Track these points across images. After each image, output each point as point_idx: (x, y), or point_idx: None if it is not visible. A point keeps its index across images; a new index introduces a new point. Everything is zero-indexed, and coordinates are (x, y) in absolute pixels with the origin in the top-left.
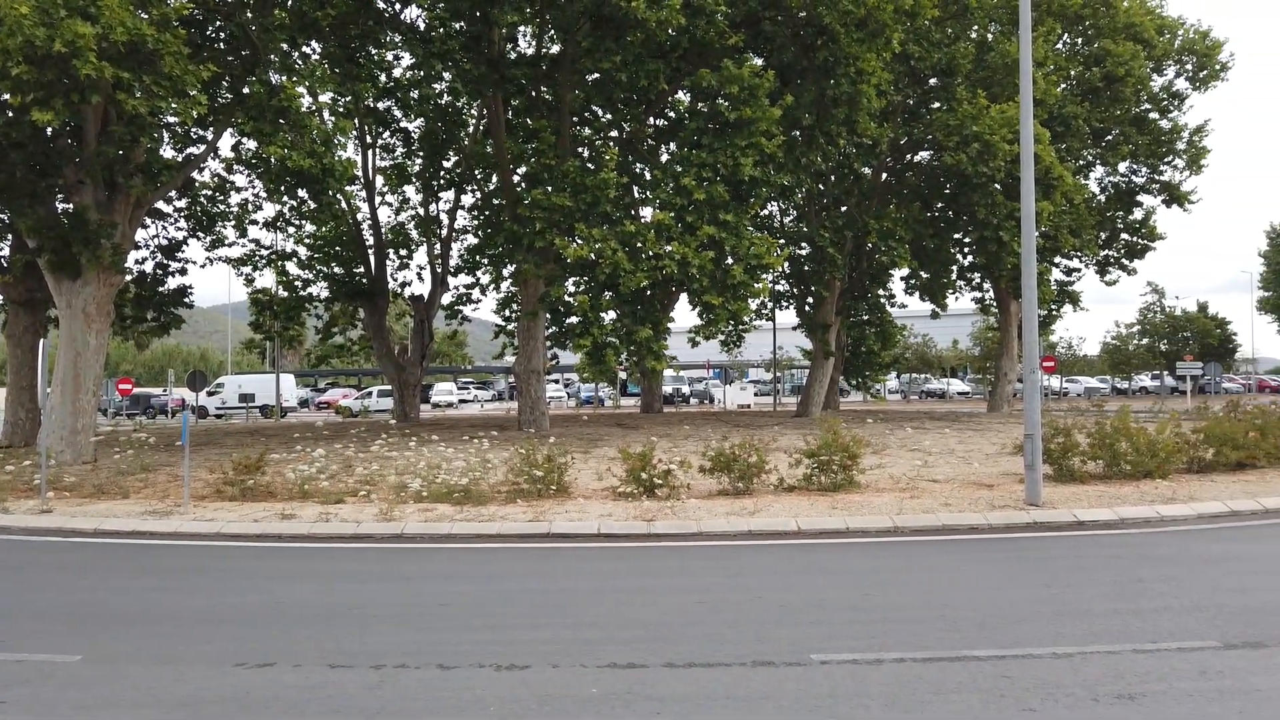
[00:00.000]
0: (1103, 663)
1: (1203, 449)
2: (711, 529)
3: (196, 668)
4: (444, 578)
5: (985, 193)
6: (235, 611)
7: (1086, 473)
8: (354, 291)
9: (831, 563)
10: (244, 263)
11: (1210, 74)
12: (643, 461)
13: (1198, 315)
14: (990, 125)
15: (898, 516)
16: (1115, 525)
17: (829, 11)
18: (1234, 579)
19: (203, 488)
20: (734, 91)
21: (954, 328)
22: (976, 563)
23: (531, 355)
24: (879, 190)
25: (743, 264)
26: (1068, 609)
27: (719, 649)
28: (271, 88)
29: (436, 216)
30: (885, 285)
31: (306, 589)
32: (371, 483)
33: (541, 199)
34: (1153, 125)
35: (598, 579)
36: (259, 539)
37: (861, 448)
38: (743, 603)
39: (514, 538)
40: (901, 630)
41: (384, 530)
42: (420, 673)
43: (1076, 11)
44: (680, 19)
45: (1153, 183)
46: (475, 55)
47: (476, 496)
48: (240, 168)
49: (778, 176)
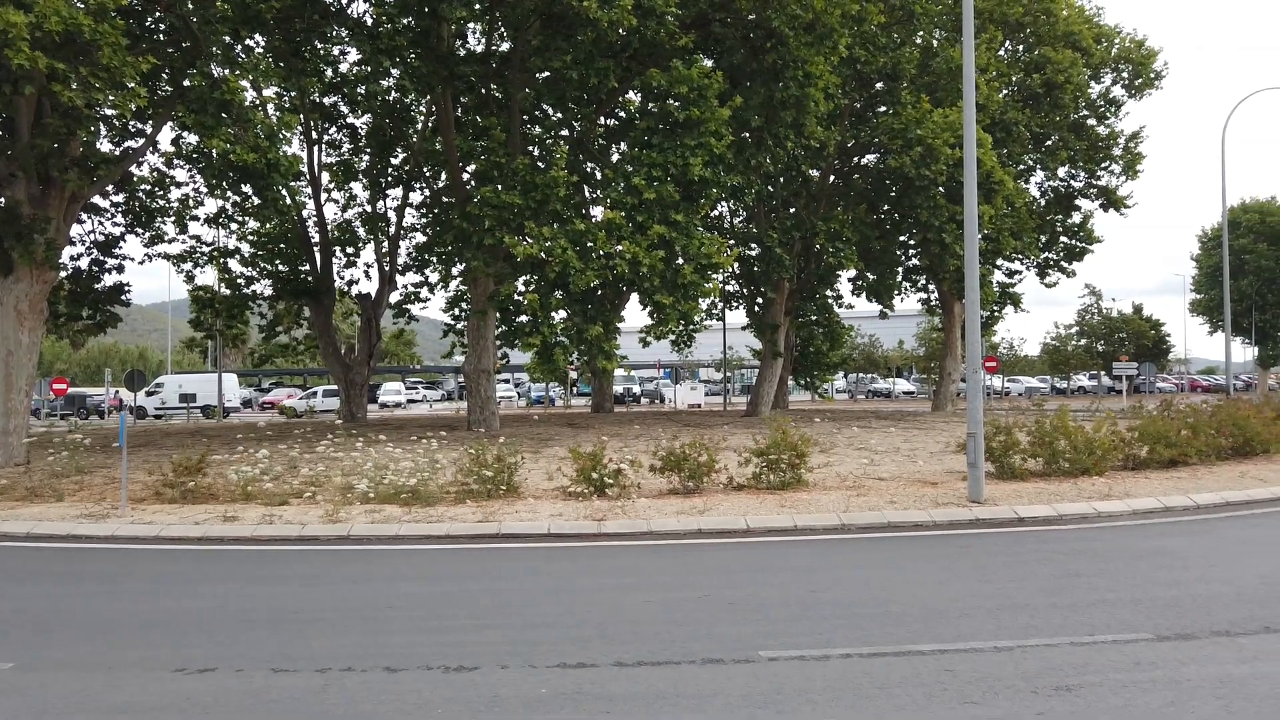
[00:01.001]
0: (1041, 655)
1: (1137, 447)
2: (662, 528)
3: (134, 674)
4: (391, 579)
5: (928, 195)
6: (175, 616)
7: (1027, 470)
8: (299, 290)
9: (780, 561)
10: (184, 259)
11: (1145, 82)
12: (593, 461)
13: (1133, 317)
14: (933, 129)
15: (844, 514)
16: (1054, 521)
17: (777, 15)
18: (1166, 573)
19: (141, 490)
20: (683, 92)
21: (900, 328)
22: (920, 559)
23: (481, 354)
24: (826, 192)
25: (693, 264)
26: (1008, 603)
27: (668, 647)
28: (214, 80)
29: (384, 214)
30: (833, 286)
31: (249, 592)
32: (317, 484)
33: (491, 197)
34: (1090, 131)
35: (548, 579)
36: (200, 542)
37: (809, 447)
38: (692, 601)
39: (463, 538)
40: (848, 626)
41: (330, 532)
42: (366, 676)
43: (1018, 20)
44: (631, 19)
45: (1090, 187)
46: (424, 51)
47: (425, 497)
48: (180, 162)
49: (728, 177)
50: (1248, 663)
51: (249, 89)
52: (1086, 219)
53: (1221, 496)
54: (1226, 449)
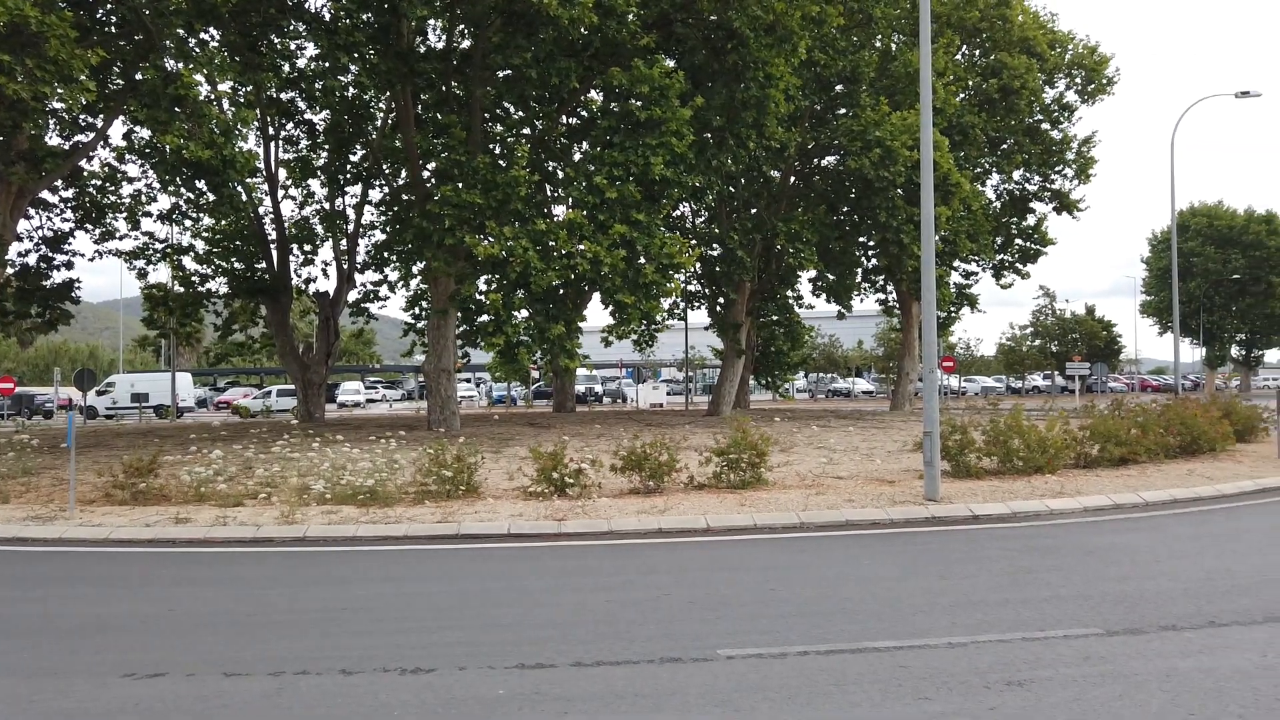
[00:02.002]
0: (994, 651)
1: (1089, 446)
2: (622, 527)
3: (81, 680)
4: (348, 581)
5: (887, 197)
6: (124, 620)
7: (982, 469)
8: (255, 288)
9: (739, 559)
10: (137, 256)
11: (1098, 87)
12: (554, 461)
13: (1086, 318)
14: (892, 131)
15: (803, 513)
16: (1008, 519)
17: (739, 16)
18: (1115, 569)
19: (90, 491)
20: (645, 91)
21: (859, 328)
22: (877, 557)
23: (442, 353)
24: (787, 193)
25: (654, 263)
26: (962, 600)
27: (628, 646)
28: (167, 74)
29: (343, 211)
30: (794, 286)
31: (202, 595)
32: (272, 485)
33: (452, 196)
34: (1045, 135)
35: (507, 579)
36: (151, 544)
37: (769, 446)
38: (652, 600)
39: (421, 539)
40: (804, 624)
41: (285, 533)
42: (321, 679)
43: (974, 25)
44: (593, 18)
45: (1044, 190)
46: (384, 48)
47: (383, 498)
48: (132, 158)
49: (689, 177)
50: (1192, 656)
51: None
52: (1041, 221)
53: (1170, 494)
54: (1175, 447)
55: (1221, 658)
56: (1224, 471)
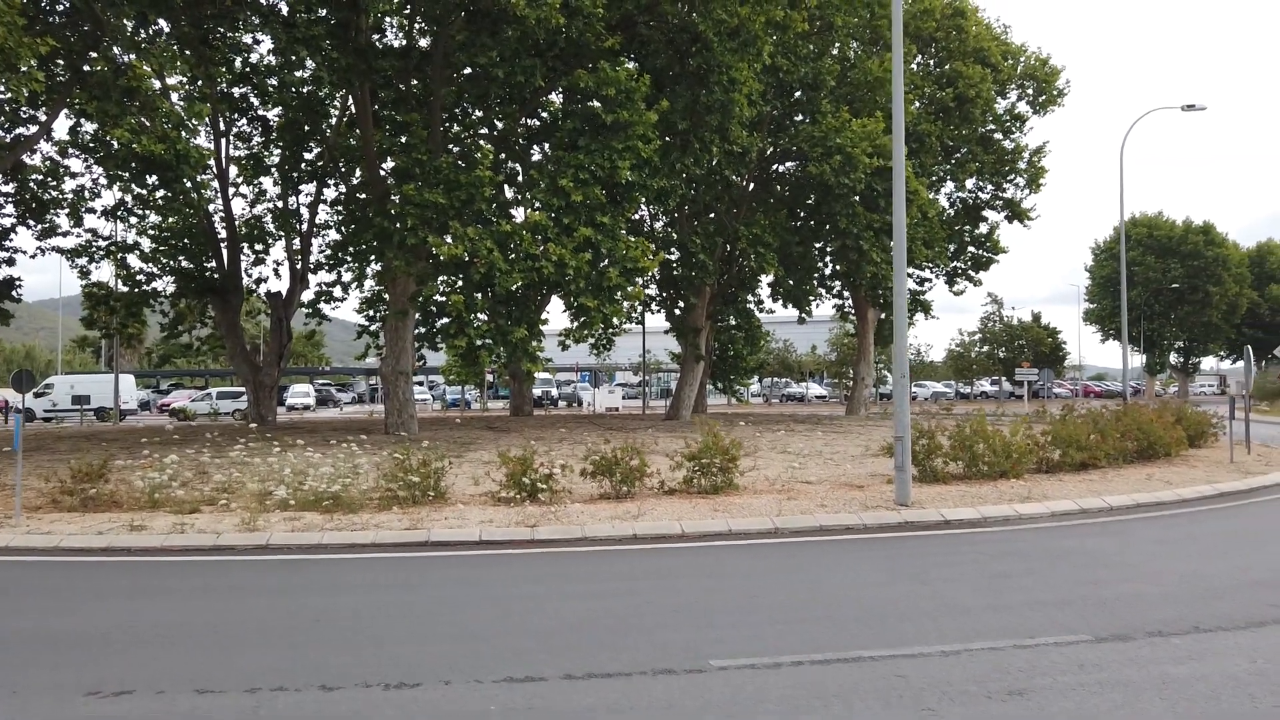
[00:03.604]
0: (988, 659)
1: (1050, 450)
2: (596, 533)
3: (41, 699)
4: (317, 590)
5: (847, 203)
6: (82, 634)
7: (949, 473)
8: (205, 287)
9: (717, 566)
10: (79, 254)
11: (1049, 99)
12: (523, 465)
13: (1032, 325)
14: (852, 139)
15: (778, 518)
16: (979, 524)
17: (703, 20)
18: (1089, 572)
19: (35, 498)
20: (610, 94)
21: (813, 333)
22: (855, 562)
23: (400, 356)
24: (747, 198)
25: (618, 267)
26: (945, 606)
27: (616, 657)
28: (118, 66)
29: (296, 210)
30: (754, 291)
31: (164, 607)
32: (230, 491)
33: (414, 195)
34: (997, 145)
35: (483, 587)
36: (105, 553)
37: (739, 451)
38: (635, 608)
39: (390, 547)
40: (793, 632)
41: (247, 541)
42: (300, 695)
43: (930, 34)
44: (559, 18)
45: (997, 199)
46: (342, 44)
47: (347, 504)
48: (76, 152)
49: (654, 181)
50: (1184, 663)
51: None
52: (993, 229)
53: (1132, 499)
54: (1132, 452)
55: (1212, 664)
56: (1181, 476)
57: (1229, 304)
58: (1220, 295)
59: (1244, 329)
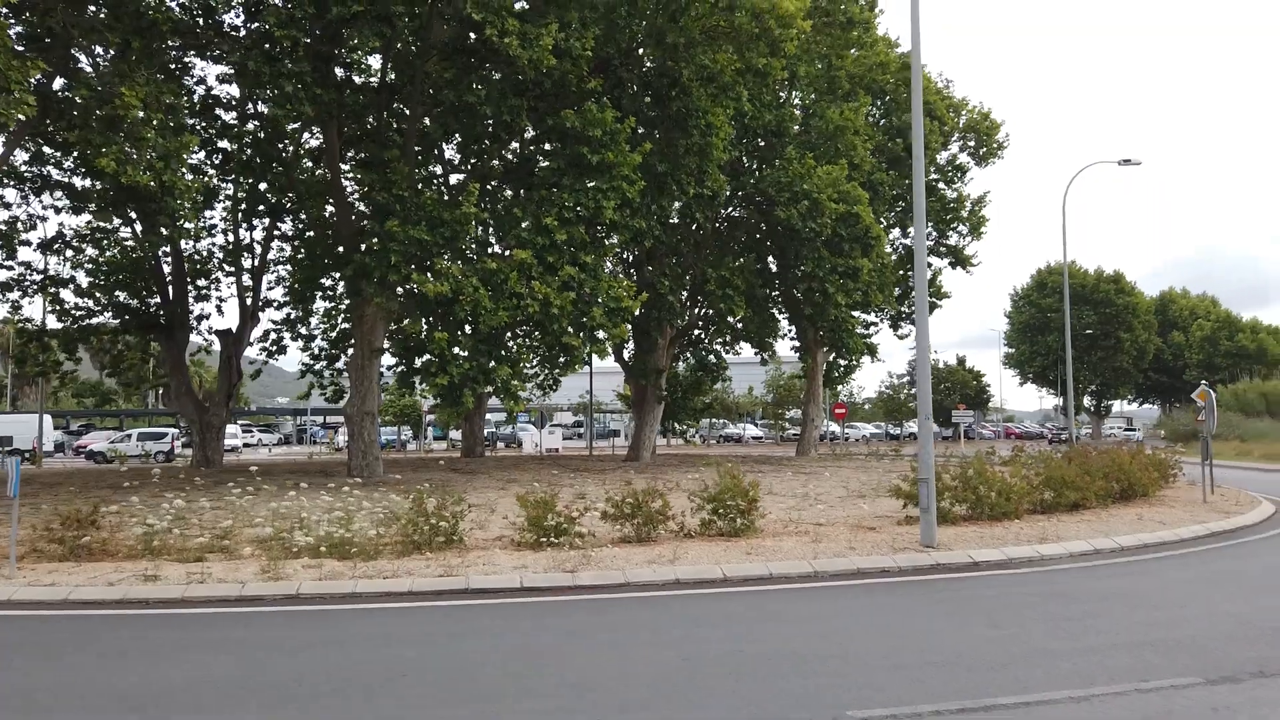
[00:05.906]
0: (1120, 704)
1: (1043, 491)
2: (637, 579)
3: None
4: (379, 643)
5: (813, 247)
6: (107, 698)
7: (956, 514)
8: (147, 323)
9: (780, 610)
10: (10, 288)
11: (989, 151)
12: (545, 509)
13: (958, 368)
14: (818, 184)
15: (814, 561)
16: (1005, 565)
17: (686, 65)
18: (1142, 613)
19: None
20: (597, 135)
21: (750, 375)
22: (912, 605)
23: (365, 396)
24: (711, 239)
25: (603, 307)
26: (1031, 650)
27: (740, 709)
28: (101, 94)
29: (250, 244)
30: (722, 333)
31: (219, 662)
32: (227, 537)
33: (398, 231)
34: (941, 194)
35: (551, 635)
36: (120, 605)
37: (759, 493)
38: (729, 656)
39: (427, 595)
40: (907, 679)
41: (275, 591)
42: None
43: (883, 86)
44: (551, 60)
45: (940, 246)
46: (321, 78)
47: (365, 550)
48: (10, 181)
49: (635, 221)
50: None
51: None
52: (936, 275)
53: (1138, 539)
54: (1115, 492)
55: None
56: (1169, 516)
57: (1138, 350)
58: (1130, 341)
59: (1150, 374)
